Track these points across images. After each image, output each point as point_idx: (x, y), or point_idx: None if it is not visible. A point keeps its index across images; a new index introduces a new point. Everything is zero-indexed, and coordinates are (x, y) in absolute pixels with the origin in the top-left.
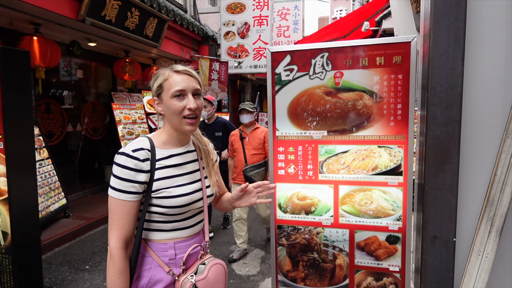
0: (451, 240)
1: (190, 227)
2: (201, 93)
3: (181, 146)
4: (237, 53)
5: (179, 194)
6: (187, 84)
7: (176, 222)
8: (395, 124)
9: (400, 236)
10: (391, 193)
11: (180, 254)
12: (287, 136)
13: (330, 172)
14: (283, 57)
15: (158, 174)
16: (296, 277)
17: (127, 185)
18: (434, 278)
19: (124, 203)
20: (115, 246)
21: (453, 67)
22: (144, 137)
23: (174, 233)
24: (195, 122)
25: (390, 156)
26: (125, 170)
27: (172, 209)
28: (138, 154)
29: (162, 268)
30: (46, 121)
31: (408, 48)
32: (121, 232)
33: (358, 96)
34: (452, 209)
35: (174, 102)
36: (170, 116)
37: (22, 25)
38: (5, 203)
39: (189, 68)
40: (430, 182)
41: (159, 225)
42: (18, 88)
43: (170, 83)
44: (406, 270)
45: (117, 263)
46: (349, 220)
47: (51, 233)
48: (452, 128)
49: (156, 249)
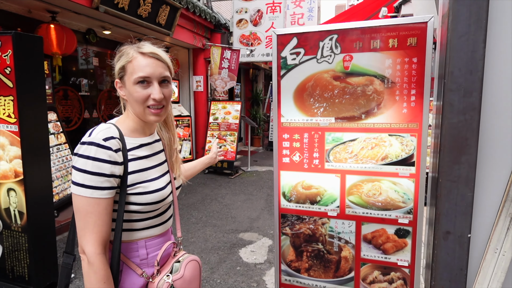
0: (466, 236)
1: (162, 224)
2: (170, 80)
3: (149, 135)
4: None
5: (155, 189)
6: (153, 70)
7: (149, 219)
8: (408, 111)
9: (411, 230)
10: (402, 185)
11: (152, 253)
12: (293, 122)
13: (337, 161)
14: (289, 40)
15: (131, 167)
16: (300, 267)
17: (101, 180)
18: (446, 275)
19: (98, 202)
20: (94, 252)
21: (473, 50)
22: (109, 124)
23: (145, 231)
24: (160, 113)
25: (401, 145)
26: (97, 162)
27: (147, 206)
28: (110, 143)
29: (134, 270)
30: (64, 107)
31: (424, 29)
32: (98, 236)
33: (368, 81)
34: (467, 203)
35: (137, 89)
36: (133, 104)
37: (40, 13)
38: (21, 184)
39: (159, 50)
40: (445, 174)
41: (130, 224)
42: (32, 72)
43: (134, 67)
44: (416, 266)
45: (99, 272)
46: (356, 212)
47: (68, 215)
48: (471, 117)
49: (125, 250)
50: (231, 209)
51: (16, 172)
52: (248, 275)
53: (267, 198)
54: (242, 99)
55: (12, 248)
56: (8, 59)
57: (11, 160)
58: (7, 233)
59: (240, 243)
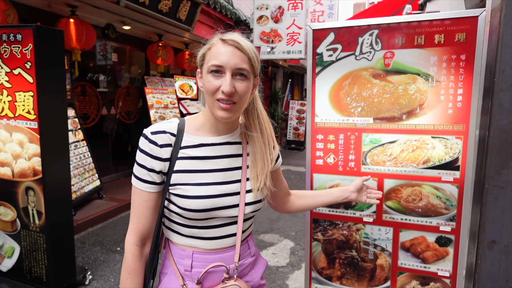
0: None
1: (213, 239)
2: (250, 75)
3: (219, 135)
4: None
5: (196, 195)
6: (228, 59)
7: (194, 228)
8: (454, 112)
9: (453, 238)
10: (445, 190)
11: (197, 268)
12: (328, 122)
13: (374, 164)
14: (326, 35)
15: (178, 165)
16: (332, 275)
17: (143, 173)
18: (490, 287)
19: (140, 193)
20: (129, 241)
21: None
22: (176, 119)
23: (192, 240)
24: (230, 108)
25: (445, 148)
26: (141, 154)
27: (187, 212)
28: (156, 137)
29: (177, 278)
30: (82, 104)
31: (474, 24)
32: (136, 226)
33: (411, 79)
34: None
35: (209, 79)
36: (206, 95)
37: (60, 7)
38: (40, 183)
39: (243, 39)
40: (491, 180)
41: (177, 227)
42: (53, 68)
43: (211, 54)
44: (458, 276)
45: (127, 261)
46: (394, 218)
47: (85, 214)
48: None
49: (175, 253)
50: None
51: (35, 171)
52: (271, 278)
53: None
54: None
55: (30, 248)
56: (29, 53)
57: (30, 158)
58: (25, 233)
59: (260, 245)
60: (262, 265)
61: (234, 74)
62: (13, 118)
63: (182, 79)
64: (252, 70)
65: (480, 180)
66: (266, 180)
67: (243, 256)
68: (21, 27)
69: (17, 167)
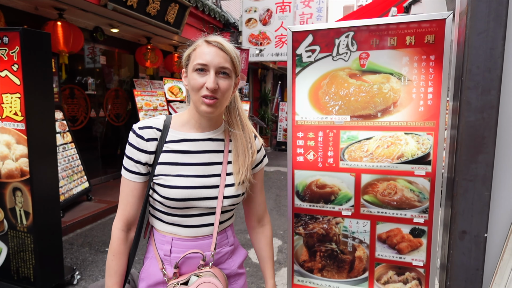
0: (482, 235)
1: (192, 227)
2: (232, 74)
3: (202, 131)
4: (258, 40)
5: (177, 185)
6: (212, 58)
7: (175, 216)
8: (425, 110)
9: (426, 229)
10: (418, 184)
11: (176, 253)
12: (307, 121)
13: (352, 160)
14: (304, 37)
15: (162, 158)
16: (313, 267)
17: (130, 164)
18: (462, 275)
19: (127, 183)
20: (115, 226)
21: (492, 47)
22: (163, 116)
23: (173, 227)
24: (213, 104)
25: (417, 144)
26: (129, 147)
27: (167, 201)
28: (143, 132)
29: (157, 262)
30: (70, 106)
31: (442, 26)
32: (122, 213)
33: (385, 78)
34: (484, 203)
35: (195, 77)
36: (190, 92)
37: (47, 10)
38: (27, 184)
39: (225, 42)
40: (461, 173)
41: (160, 215)
42: (40, 70)
43: (196, 54)
44: (431, 266)
45: (113, 244)
46: (371, 211)
47: (74, 215)
48: (489, 115)
49: (157, 239)
50: (239, 209)
51: (22, 171)
52: (258, 275)
53: (276, 199)
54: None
55: (18, 249)
56: (16, 55)
57: (17, 159)
58: (12, 233)
59: (249, 244)
60: (241, 256)
61: (217, 73)
62: (0, 120)
63: (172, 81)
64: (233, 69)
65: (451, 175)
66: (247, 172)
67: (221, 245)
68: (7, 30)
69: (4, 168)
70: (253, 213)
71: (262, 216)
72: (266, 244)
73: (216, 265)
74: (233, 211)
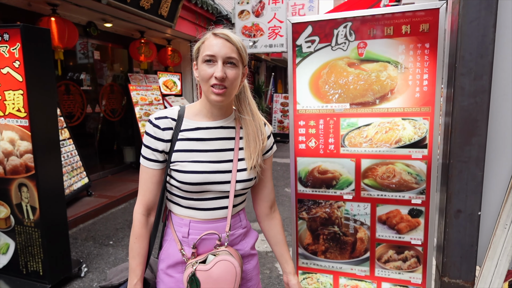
0: (476, 213)
1: (207, 210)
2: (239, 64)
3: (214, 120)
4: (252, 32)
5: (192, 170)
6: (219, 49)
7: (191, 200)
8: (421, 96)
9: (423, 209)
10: (415, 166)
11: (193, 235)
12: (308, 109)
13: (352, 146)
14: (304, 28)
15: (178, 146)
16: (317, 250)
17: (148, 152)
18: (457, 252)
19: (146, 170)
20: (136, 210)
21: (484, 34)
22: (177, 106)
23: (190, 211)
24: (222, 93)
25: (414, 129)
26: (147, 136)
27: (184, 185)
28: (159, 122)
29: (176, 243)
30: (66, 103)
31: (436, 15)
32: (142, 199)
33: (382, 67)
34: (477, 183)
35: (204, 68)
36: (201, 83)
37: (40, 6)
38: (33, 179)
39: (232, 33)
40: (455, 155)
41: (177, 199)
42: (41, 66)
43: (205, 46)
44: (429, 244)
45: (135, 228)
46: (371, 194)
47: (75, 211)
48: (481, 99)
49: (175, 222)
50: None
51: (27, 167)
52: (261, 262)
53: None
54: None
55: (25, 244)
56: (17, 52)
57: (21, 155)
58: (19, 229)
59: None
60: (253, 237)
61: (225, 62)
62: (3, 117)
63: (166, 75)
64: (240, 59)
65: (446, 158)
66: (258, 158)
67: (235, 227)
68: (8, 26)
69: (9, 164)
70: (266, 200)
71: (273, 202)
72: (281, 228)
73: (231, 245)
74: (245, 195)
